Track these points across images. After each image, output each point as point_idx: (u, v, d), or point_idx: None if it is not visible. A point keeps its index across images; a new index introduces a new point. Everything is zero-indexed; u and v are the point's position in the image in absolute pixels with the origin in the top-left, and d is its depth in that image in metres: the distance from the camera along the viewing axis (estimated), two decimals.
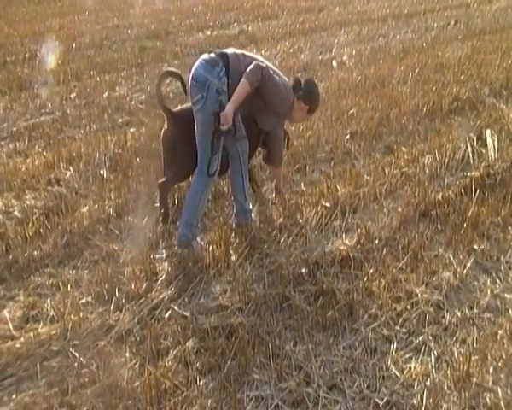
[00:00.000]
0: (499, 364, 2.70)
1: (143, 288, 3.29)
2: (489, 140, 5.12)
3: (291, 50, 8.96)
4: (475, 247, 3.63)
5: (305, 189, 4.37)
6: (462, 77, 7.02)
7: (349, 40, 9.51)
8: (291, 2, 13.34)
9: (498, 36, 9.32)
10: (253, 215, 3.92)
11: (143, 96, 6.93)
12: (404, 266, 3.43)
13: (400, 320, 3.01)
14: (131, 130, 5.77)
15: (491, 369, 2.66)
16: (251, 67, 3.44)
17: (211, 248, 3.55)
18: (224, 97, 3.43)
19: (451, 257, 3.51)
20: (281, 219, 3.93)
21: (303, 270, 3.37)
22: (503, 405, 2.47)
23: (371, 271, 3.35)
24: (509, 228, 3.86)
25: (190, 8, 13.27)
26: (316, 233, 3.79)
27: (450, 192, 4.21)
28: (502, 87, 6.69)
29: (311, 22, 11.08)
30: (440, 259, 3.51)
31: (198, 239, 3.63)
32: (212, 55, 3.53)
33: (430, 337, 2.90)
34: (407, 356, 2.78)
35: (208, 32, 10.59)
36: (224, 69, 3.45)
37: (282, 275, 3.32)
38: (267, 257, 3.52)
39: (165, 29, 10.78)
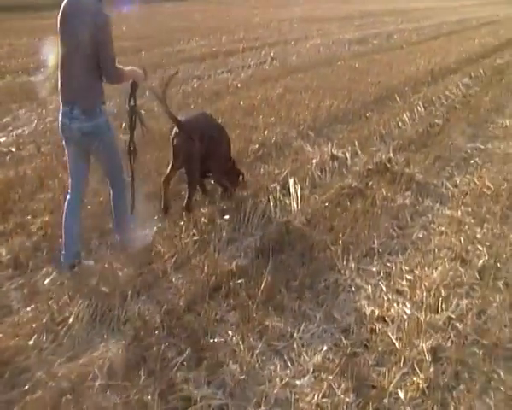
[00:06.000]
0: None
1: None
2: (292, 190, 4.93)
3: None
4: (267, 324, 3.27)
5: None
6: (272, 119, 6.94)
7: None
8: None
9: (309, 73, 9.57)
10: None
11: None
12: (185, 362, 2.96)
13: None
14: None
15: None
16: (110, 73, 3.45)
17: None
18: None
19: (241, 343, 3.10)
20: None
21: None
22: None
23: (144, 377, 2.82)
24: (306, 291, 3.59)
25: None
26: (89, 329, 3.20)
27: (246, 259, 3.86)
28: (309, 128, 6.68)
29: None
30: (227, 347, 3.08)
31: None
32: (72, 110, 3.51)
33: None
34: None
35: None
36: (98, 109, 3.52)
37: None
38: None
39: None
